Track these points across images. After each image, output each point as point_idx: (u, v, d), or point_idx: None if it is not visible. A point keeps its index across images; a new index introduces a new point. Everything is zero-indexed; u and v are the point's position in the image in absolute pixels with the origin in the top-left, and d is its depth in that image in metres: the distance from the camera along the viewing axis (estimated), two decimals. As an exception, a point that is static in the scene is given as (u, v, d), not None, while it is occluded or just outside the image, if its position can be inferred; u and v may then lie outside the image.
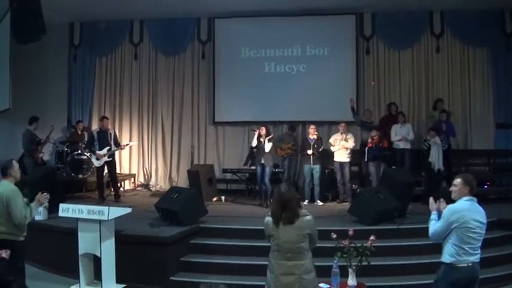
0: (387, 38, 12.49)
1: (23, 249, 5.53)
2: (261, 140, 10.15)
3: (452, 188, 4.73)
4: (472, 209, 4.54)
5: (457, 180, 4.67)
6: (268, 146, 10.11)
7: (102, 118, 11.13)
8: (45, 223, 8.05)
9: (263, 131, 10.22)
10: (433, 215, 4.78)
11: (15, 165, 5.66)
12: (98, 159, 10.57)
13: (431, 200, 4.93)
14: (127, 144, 11.59)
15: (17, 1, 9.32)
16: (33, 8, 9.23)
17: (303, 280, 4.34)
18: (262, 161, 10.12)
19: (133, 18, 13.21)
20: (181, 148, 13.15)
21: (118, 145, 10.93)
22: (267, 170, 10.14)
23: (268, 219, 4.52)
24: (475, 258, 4.52)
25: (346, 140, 10.54)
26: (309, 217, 4.49)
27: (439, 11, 12.20)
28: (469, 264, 4.48)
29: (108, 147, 10.62)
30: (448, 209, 4.61)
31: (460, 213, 4.50)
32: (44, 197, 5.82)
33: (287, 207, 4.40)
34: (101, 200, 10.48)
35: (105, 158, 10.57)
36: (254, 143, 10.30)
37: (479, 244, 4.55)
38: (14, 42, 10.41)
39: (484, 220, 4.57)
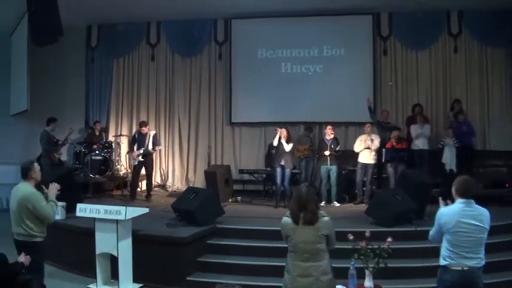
0: (404, 38, 12.37)
1: (43, 250, 5.52)
2: (281, 141, 10.15)
3: None
4: (463, 211, 4.40)
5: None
6: (289, 146, 10.12)
7: (141, 123, 11.47)
8: (63, 223, 8.11)
9: (284, 132, 10.21)
10: None
11: (37, 167, 5.58)
12: (134, 158, 11.02)
13: (440, 199, 4.85)
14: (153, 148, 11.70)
15: (35, 4, 9.40)
16: (50, 11, 9.29)
17: (319, 282, 4.29)
18: (282, 163, 10.11)
19: (150, 20, 13.27)
20: (198, 149, 13.17)
21: (154, 145, 11.12)
22: (287, 171, 10.13)
23: (286, 219, 4.46)
24: (474, 262, 4.36)
25: (371, 140, 10.45)
26: (326, 218, 4.44)
27: (456, 11, 12.04)
28: (465, 268, 4.34)
29: (143, 148, 10.92)
30: (438, 212, 4.58)
31: (448, 216, 4.43)
32: (53, 188, 5.68)
33: (306, 208, 4.36)
34: (131, 199, 10.81)
35: (139, 158, 10.91)
36: (275, 142, 10.27)
37: (480, 248, 4.40)
38: (31, 44, 10.55)
39: (482, 223, 4.39)
